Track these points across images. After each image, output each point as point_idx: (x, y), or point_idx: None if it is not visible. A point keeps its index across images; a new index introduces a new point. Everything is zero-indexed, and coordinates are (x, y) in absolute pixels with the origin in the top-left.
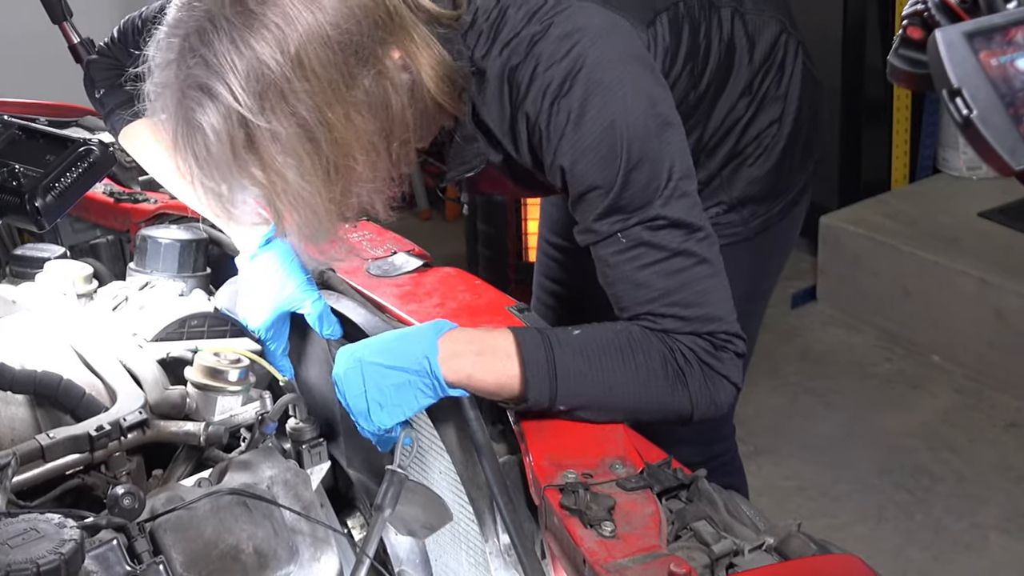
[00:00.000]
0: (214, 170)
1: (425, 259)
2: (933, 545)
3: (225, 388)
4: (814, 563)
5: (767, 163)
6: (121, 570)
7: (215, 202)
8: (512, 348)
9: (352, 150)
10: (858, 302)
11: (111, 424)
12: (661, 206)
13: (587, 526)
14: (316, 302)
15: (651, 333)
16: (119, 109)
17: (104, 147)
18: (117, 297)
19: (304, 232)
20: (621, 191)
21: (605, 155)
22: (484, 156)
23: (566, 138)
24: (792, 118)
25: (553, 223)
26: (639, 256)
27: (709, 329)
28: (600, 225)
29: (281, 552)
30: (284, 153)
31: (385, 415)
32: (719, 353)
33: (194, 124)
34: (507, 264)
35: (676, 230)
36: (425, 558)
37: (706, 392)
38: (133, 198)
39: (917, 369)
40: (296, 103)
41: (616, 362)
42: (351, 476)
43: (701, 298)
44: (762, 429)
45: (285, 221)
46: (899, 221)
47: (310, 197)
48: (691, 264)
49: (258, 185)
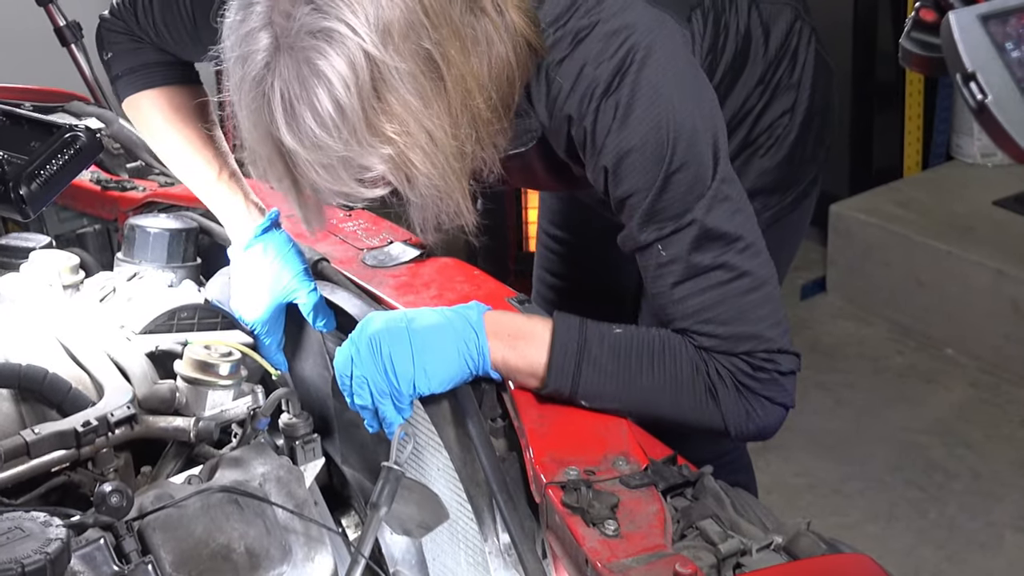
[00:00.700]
0: (340, 126)
1: (422, 249)
2: (947, 544)
3: (216, 382)
4: (824, 563)
5: (779, 153)
6: (108, 570)
7: (322, 172)
8: (547, 335)
9: (472, 88)
10: (869, 294)
11: (98, 419)
12: (702, 213)
13: (589, 525)
14: (311, 293)
15: (689, 345)
16: (127, 75)
17: (91, 133)
18: (104, 288)
19: (436, 184)
20: (660, 194)
21: (651, 155)
22: (534, 133)
23: (611, 136)
24: (804, 107)
25: (553, 214)
26: (675, 271)
27: (745, 349)
28: (640, 233)
29: (274, 551)
30: (413, 94)
31: (433, 382)
32: (757, 374)
33: (313, 77)
34: (507, 254)
35: (715, 242)
36: (421, 558)
37: (741, 411)
38: (121, 186)
39: (930, 363)
40: (420, 38)
41: (645, 366)
42: (346, 473)
43: (737, 315)
44: None
45: (416, 176)
46: (912, 210)
47: (442, 139)
48: (729, 279)
49: (386, 141)
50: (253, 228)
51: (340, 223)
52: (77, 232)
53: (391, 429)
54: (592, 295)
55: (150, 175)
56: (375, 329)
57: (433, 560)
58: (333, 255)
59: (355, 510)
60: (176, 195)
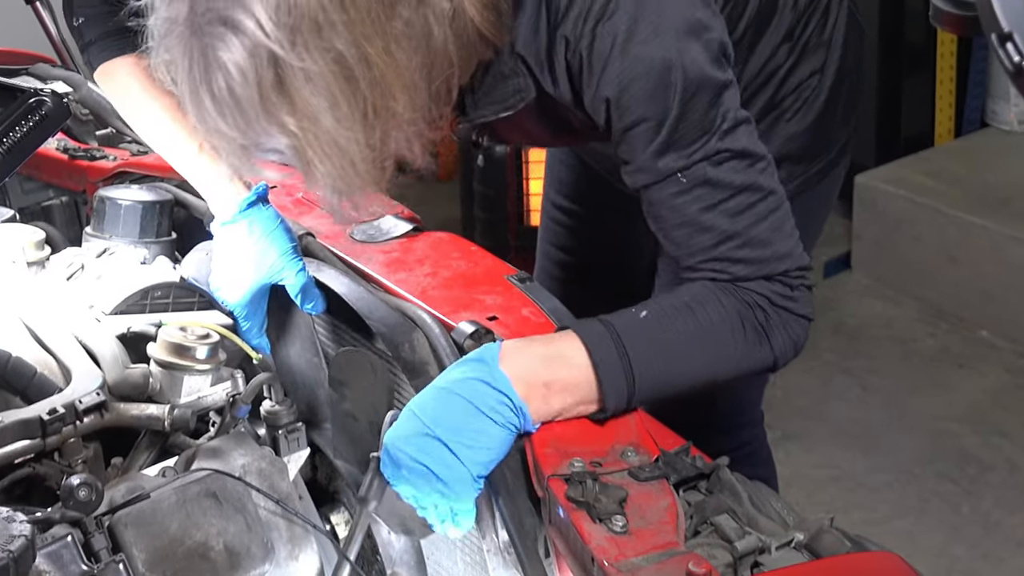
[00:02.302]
0: (236, 116)
1: (415, 223)
2: (981, 542)
3: (192, 366)
4: (849, 562)
5: (807, 117)
6: (76, 569)
7: (230, 152)
8: (579, 356)
9: (392, 89)
10: (898, 271)
11: (65, 407)
12: (723, 137)
13: (596, 520)
14: (300, 273)
15: (722, 291)
16: (101, 40)
17: (58, 98)
18: (72, 265)
19: (336, 184)
20: (678, 123)
21: (656, 84)
22: (523, 94)
23: (611, 66)
24: (835, 68)
25: (561, 184)
26: (702, 196)
27: (782, 268)
28: (658, 163)
29: (255, 549)
30: (318, 95)
31: (485, 461)
32: (794, 293)
33: (214, 63)
34: (507, 228)
35: (740, 161)
36: (420, 559)
37: (787, 339)
38: (90, 155)
39: (964, 346)
40: (332, 37)
41: (695, 340)
42: (338, 467)
43: (771, 235)
44: (792, 412)
45: (315, 173)
46: (943, 180)
47: (346, 144)
48: (758, 199)
49: (287, 133)
50: (237, 202)
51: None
52: (42, 204)
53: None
54: (603, 270)
55: (121, 143)
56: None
57: (427, 559)
58: (319, 229)
59: (345, 507)
60: (149, 165)
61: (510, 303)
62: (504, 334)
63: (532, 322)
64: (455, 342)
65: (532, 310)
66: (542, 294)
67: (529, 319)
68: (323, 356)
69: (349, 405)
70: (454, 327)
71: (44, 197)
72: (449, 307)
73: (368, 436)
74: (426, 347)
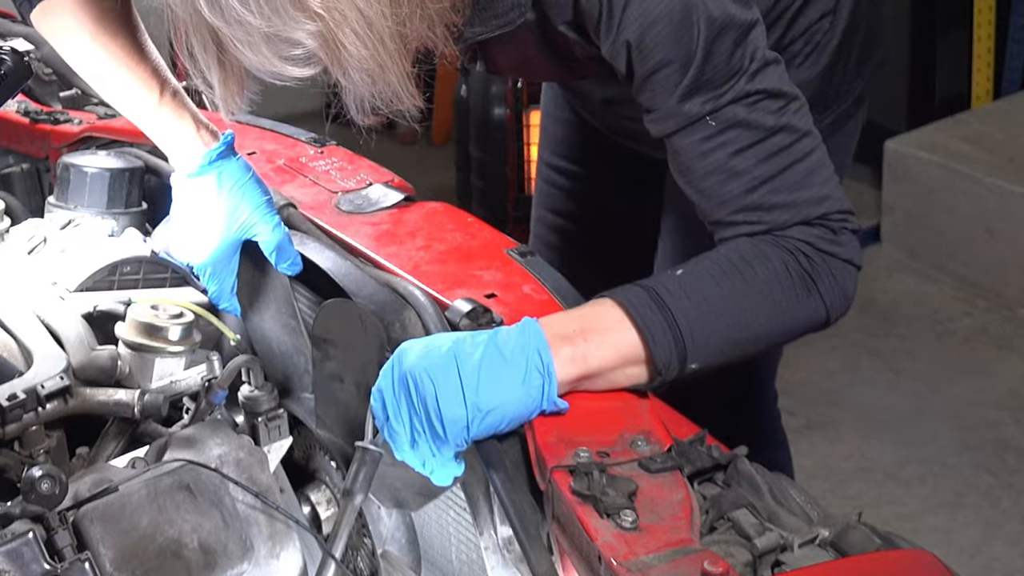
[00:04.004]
0: (261, 4)
1: (407, 192)
2: (1022, 538)
3: (164, 348)
4: (878, 560)
5: (817, 64)
6: (38, 568)
7: (251, 46)
8: (616, 312)
9: None
10: (931, 245)
11: (26, 392)
12: (752, 76)
13: (603, 516)
14: (276, 229)
15: (762, 242)
16: None
17: (18, 56)
18: (34, 238)
19: (367, 66)
20: (704, 64)
21: (679, 23)
22: (521, 9)
23: (632, 7)
24: (848, 10)
25: (557, 143)
26: (733, 140)
27: (821, 211)
28: (685, 107)
29: (232, 547)
30: None
31: (488, 423)
32: (839, 237)
33: None
34: (506, 197)
35: (774, 101)
36: (413, 536)
37: (836, 287)
38: (53, 118)
39: (1003, 326)
40: None
41: (739, 291)
42: (320, 437)
43: (807, 177)
44: (816, 398)
45: (345, 57)
46: (981, 147)
47: (377, 19)
48: (793, 140)
49: (313, 16)
50: (203, 153)
51: (310, 161)
52: (2, 172)
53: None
54: (603, 235)
55: (87, 105)
56: (411, 363)
57: (421, 556)
58: (302, 200)
59: (327, 485)
60: (118, 129)
61: (510, 279)
62: (504, 312)
63: (534, 299)
64: (450, 321)
65: (534, 286)
66: (545, 269)
67: (531, 296)
68: (302, 321)
69: (335, 365)
70: (449, 305)
71: (3, 164)
72: (444, 283)
73: (355, 400)
74: (418, 327)
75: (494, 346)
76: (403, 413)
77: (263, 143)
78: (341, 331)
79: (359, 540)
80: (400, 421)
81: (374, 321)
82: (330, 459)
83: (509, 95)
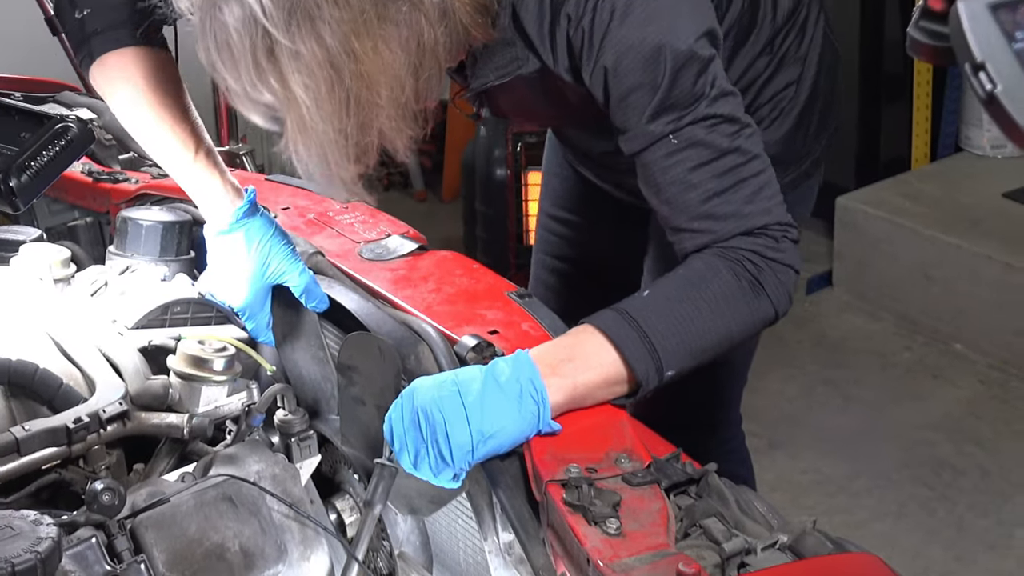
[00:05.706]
0: (230, 65)
1: (420, 242)
2: (955, 544)
3: (210, 378)
4: (830, 562)
5: (782, 127)
6: (100, 569)
7: (225, 88)
8: (595, 337)
9: (376, 84)
10: (876, 288)
11: (90, 416)
12: (712, 103)
13: (591, 523)
14: (303, 273)
15: (712, 255)
16: (105, 32)
17: (83, 124)
18: (96, 282)
19: (303, 157)
20: (670, 90)
21: (649, 55)
22: (520, 62)
23: (610, 35)
24: (810, 82)
25: (556, 196)
26: (691, 157)
27: (763, 223)
28: (651, 127)
29: (269, 551)
30: (302, 74)
31: (490, 445)
32: (780, 244)
33: (218, 20)
34: (507, 248)
35: (730, 126)
36: (425, 539)
37: (780, 288)
38: (113, 178)
39: (939, 358)
40: (323, 28)
41: (697, 303)
42: (345, 454)
43: (755, 194)
44: (777, 420)
45: (289, 139)
46: (920, 202)
47: (320, 125)
48: (744, 161)
49: (273, 93)
50: (232, 211)
51: (336, 215)
52: (68, 225)
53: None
54: (598, 276)
55: (143, 167)
56: (423, 399)
57: (433, 557)
58: (329, 249)
59: (350, 494)
60: (169, 187)
61: (510, 318)
62: (505, 347)
63: (532, 336)
64: (458, 355)
65: (531, 324)
66: (541, 310)
67: (529, 333)
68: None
69: (357, 389)
70: (457, 340)
71: (70, 218)
72: (452, 321)
73: (376, 420)
74: (430, 359)
75: (492, 378)
76: (409, 442)
77: (295, 199)
78: (363, 360)
79: (379, 543)
80: (405, 448)
81: (391, 351)
82: (353, 472)
83: (510, 158)
